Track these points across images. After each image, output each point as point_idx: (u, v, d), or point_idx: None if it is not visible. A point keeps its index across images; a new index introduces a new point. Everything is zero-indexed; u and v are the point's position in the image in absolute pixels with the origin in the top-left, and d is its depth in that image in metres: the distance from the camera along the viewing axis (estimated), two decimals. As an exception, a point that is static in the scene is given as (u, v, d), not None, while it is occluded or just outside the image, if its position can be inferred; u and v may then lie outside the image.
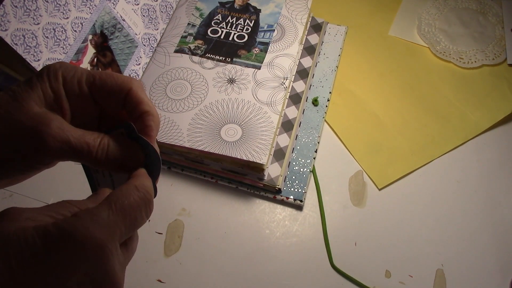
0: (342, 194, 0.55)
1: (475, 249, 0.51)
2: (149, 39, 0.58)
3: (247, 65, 0.56)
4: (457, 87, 0.62)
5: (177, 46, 0.58)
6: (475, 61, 0.64)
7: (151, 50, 0.58)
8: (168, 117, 0.52)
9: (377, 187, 0.54)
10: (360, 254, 0.51)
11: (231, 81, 0.55)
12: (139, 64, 0.56)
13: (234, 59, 0.57)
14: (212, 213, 0.53)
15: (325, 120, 0.59)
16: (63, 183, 0.55)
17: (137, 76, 0.56)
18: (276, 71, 0.56)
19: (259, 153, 0.49)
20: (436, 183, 0.55)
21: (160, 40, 0.60)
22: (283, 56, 0.57)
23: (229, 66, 0.56)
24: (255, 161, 0.48)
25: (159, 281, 0.49)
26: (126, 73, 0.55)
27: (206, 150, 0.49)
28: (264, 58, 0.57)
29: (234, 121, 0.52)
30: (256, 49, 0.58)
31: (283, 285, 0.49)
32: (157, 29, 0.60)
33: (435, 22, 0.67)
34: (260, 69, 0.56)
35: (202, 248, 0.51)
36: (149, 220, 0.53)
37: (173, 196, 0.54)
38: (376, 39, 0.67)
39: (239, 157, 0.49)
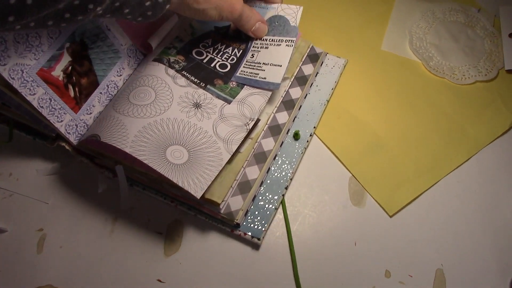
0: (342, 194, 0.53)
1: (475, 249, 0.50)
2: (136, 50, 0.55)
3: (218, 96, 0.52)
4: (454, 102, 0.59)
5: (157, 56, 0.55)
6: (468, 77, 0.61)
7: (136, 62, 0.55)
8: (121, 120, 0.48)
9: (388, 215, 0.51)
10: (360, 254, 0.49)
11: (197, 105, 0.50)
12: (121, 75, 0.53)
13: (208, 86, 0.53)
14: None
15: (329, 150, 0.56)
16: (63, 184, 0.53)
17: (116, 88, 0.53)
18: (245, 110, 0.50)
19: (197, 185, 0.44)
20: (436, 183, 0.54)
21: (146, 50, 0.56)
22: (258, 94, 0.52)
23: (201, 91, 0.52)
24: (189, 191, 0.43)
25: (159, 281, 0.47)
26: (104, 83, 0.52)
27: (146, 162, 0.44)
28: (238, 93, 0.52)
29: (184, 144, 0.47)
30: (233, 83, 0.53)
31: (283, 284, 0.48)
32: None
33: (426, 36, 0.65)
34: (230, 103, 0.51)
35: (202, 248, 0.49)
36: (149, 220, 0.51)
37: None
38: (369, 55, 0.64)
39: (175, 180, 0.44)
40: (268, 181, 0.52)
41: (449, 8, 0.68)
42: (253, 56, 0.54)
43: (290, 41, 0.53)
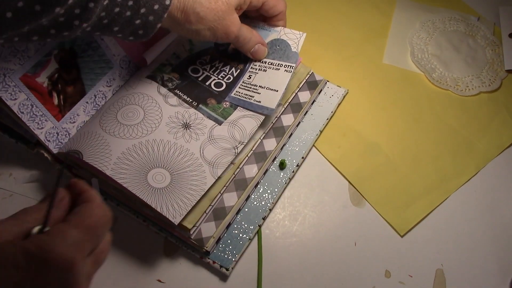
0: (342, 194, 0.53)
1: (475, 249, 0.50)
2: (129, 61, 0.54)
3: (210, 116, 0.50)
4: (459, 115, 0.58)
5: (151, 72, 0.53)
6: (472, 88, 0.60)
7: (128, 74, 0.54)
8: (106, 139, 0.47)
9: (399, 235, 0.50)
10: (360, 254, 0.49)
11: (186, 126, 0.49)
12: (110, 86, 0.52)
13: (200, 105, 0.50)
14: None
15: (331, 166, 0.55)
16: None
17: (104, 98, 0.52)
18: (235, 132, 0.49)
19: (176, 211, 0.43)
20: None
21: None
22: (251, 117, 0.50)
23: (192, 110, 0.50)
24: (167, 217, 0.42)
25: (159, 281, 0.47)
26: (91, 93, 0.50)
27: (125, 186, 0.44)
28: (230, 114, 0.50)
29: (167, 167, 0.46)
30: (227, 103, 0.51)
31: (283, 284, 0.47)
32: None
33: (427, 48, 0.64)
34: (220, 125, 0.49)
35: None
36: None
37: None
38: (371, 69, 0.62)
39: (153, 205, 0.43)
40: (246, 209, 0.50)
41: (449, 17, 0.67)
42: (250, 78, 0.53)
43: (289, 67, 0.52)
